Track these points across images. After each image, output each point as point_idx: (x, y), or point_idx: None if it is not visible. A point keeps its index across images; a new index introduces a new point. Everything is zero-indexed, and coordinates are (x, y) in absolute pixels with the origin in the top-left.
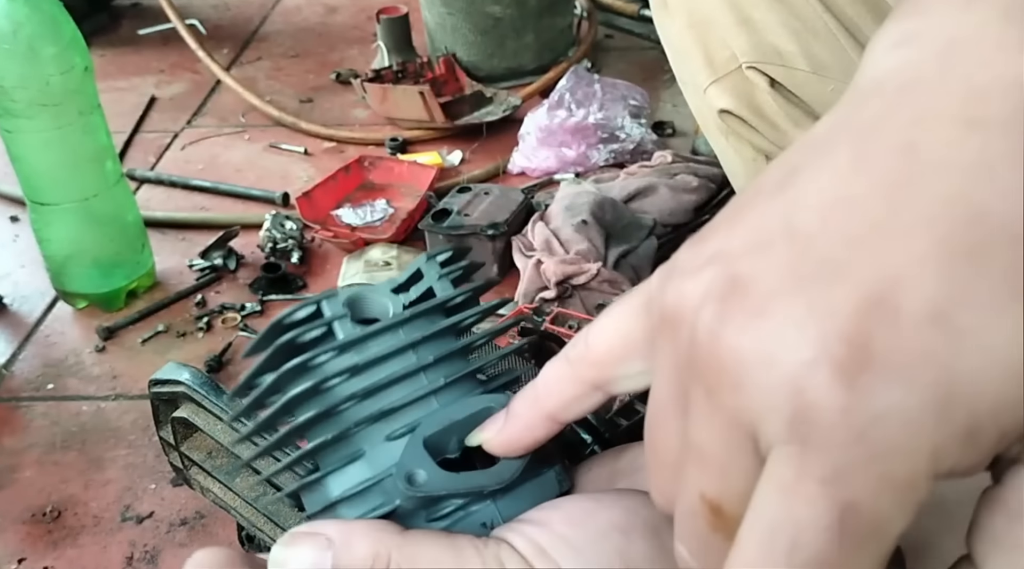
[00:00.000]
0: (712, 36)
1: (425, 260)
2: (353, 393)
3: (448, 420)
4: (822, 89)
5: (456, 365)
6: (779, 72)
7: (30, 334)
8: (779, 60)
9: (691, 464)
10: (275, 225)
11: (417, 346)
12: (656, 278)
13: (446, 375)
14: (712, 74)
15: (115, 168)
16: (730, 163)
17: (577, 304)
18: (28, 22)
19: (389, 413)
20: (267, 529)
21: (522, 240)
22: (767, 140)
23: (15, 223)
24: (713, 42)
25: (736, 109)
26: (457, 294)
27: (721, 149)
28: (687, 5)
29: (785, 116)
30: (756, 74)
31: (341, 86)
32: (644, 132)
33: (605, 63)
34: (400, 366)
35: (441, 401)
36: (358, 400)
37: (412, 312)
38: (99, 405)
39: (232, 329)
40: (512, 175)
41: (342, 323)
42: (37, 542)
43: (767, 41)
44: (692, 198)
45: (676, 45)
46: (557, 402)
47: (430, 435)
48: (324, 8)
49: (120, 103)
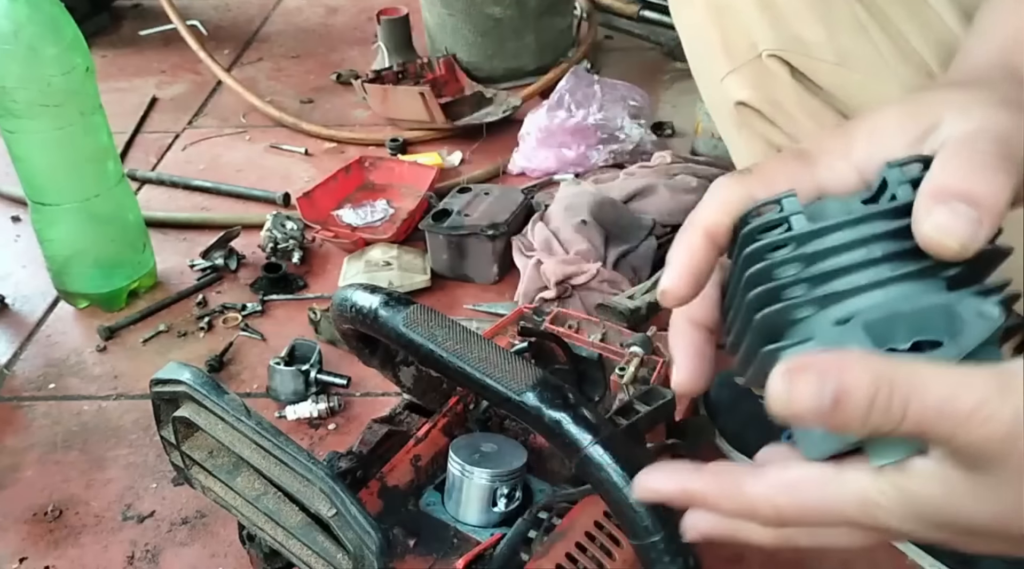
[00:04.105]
0: (732, 23)
1: (888, 167)
2: (804, 277)
3: (894, 309)
4: (846, 81)
5: (909, 264)
6: (801, 61)
7: (32, 334)
8: (802, 49)
9: None
10: (276, 225)
11: (870, 242)
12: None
13: (897, 270)
14: (730, 63)
15: (116, 168)
16: (741, 157)
17: (577, 304)
18: (29, 23)
19: (835, 298)
20: (268, 528)
21: (522, 240)
22: (782, 133)
23: (17, 223)
24: (733, 29)
25: (753, 101)
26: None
27: (732, 141)
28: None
29: (803, 108)
30: (777, 63)
31: (342, 87)
32: (643, 133)
33: (605, 64)
34: (851, 259)
35: (891, 294)
36: (809, 285)
37: (866, 212)
38: (100, 405)
39: (233, 329)
40: (512, 175)
41: (797, 219)
42: (38, 541)
43: (791, 29)
44: (691, 198)
45: (693, 32)
46: None
47: (874, 320)
48: (325, 9)
49: (121, 103)
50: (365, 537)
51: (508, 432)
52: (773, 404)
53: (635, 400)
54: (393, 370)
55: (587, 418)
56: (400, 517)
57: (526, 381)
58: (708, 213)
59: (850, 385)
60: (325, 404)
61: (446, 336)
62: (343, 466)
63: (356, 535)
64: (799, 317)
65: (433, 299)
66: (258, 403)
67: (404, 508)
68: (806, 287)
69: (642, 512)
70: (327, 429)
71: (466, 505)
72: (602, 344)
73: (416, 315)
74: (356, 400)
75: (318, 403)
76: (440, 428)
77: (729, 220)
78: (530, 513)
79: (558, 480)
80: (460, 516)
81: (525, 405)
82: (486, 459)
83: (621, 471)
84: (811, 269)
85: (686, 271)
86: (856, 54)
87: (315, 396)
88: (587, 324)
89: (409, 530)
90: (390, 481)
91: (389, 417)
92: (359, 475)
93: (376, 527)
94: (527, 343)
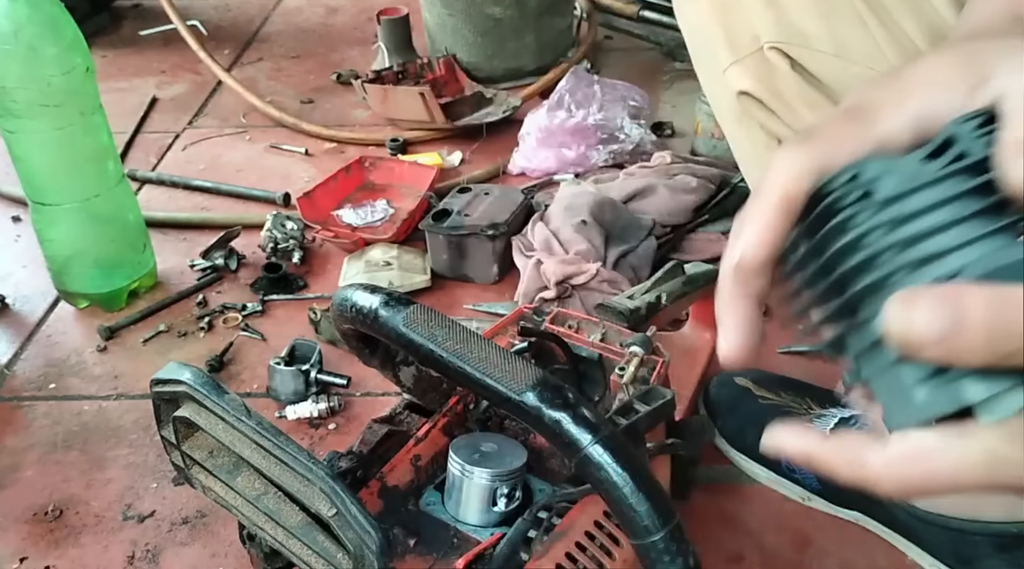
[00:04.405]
0: (736, 16)
1: (954, 124)
2: (894, 242)
3: (994, 264)
4: (843, 73)
5: (996, 220)
6: (801, 53)
7: (32, 334)
8: (802, 41)
9: None
10: (276, 225)
11: (955, 200)
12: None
13: (988, 226)
14: (733, 55)
15: (116, 168)
16: (741, 149)
17: (577, 304)
18: (29, 23)
19: (929, 260)
20: (268, 528)
21: (522, 240)
22: (783, 123)
23: (17, 223)
24: (736, 22)
25: (755, 91)
26: (987, 156)
27: (733, 135)
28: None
29: (804, 99)
30: (777, 55)
31: (342, 87)
32: (643, 133)
33: (605, 64)
34: (938, 219)
35: (986, 248)
36: (899, 249)
37: (944, 170)
38: (100, 404)
39: (233, 329)
40: (512, 175)
41: (879, 183)
42: (39, 541)
43: (792, 21)
44: (691, 198)
45: (696, 25)
46: None
47: (975, 278)
48: (325, 9)
49: (121, 104)
50: (366, 537)
51: (508, 432)
52: (893, 331)
53: (635, 400)
54: (393, 370)
55: (587, 418)
56: (400, 517)
57: (526, 381)
58: (782, 182)
59: (970, 306)
60: (325, 404)
61: (446, 336)
62: (343, 466)
63: (356, 535)
64: (895, 281)
65: (433, 299)
66: (258, 403)
67: (404, 508)
68: (898, 250)
69: (642, 512)
70: (327, 429)
71: (466, 505)
72: (602, 344)
73: (416, 315)
74: (356, 400)
75: (318, 403)
76: (440, 428)
77: (804, 188)
78: (530, 513)
79: (558, 480)
80: (460, 516)
81: (525, 405)
82: (486, 459)
83: (621, 471)
84: (900, 232)
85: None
86: (854, 47)
87: (315, 396)
88: (587, 324)
89: (409, 530)
90: (390, 481)
91: (389, 417)
92: (359, 475)
93: (377, 527)
94: (527, 343)
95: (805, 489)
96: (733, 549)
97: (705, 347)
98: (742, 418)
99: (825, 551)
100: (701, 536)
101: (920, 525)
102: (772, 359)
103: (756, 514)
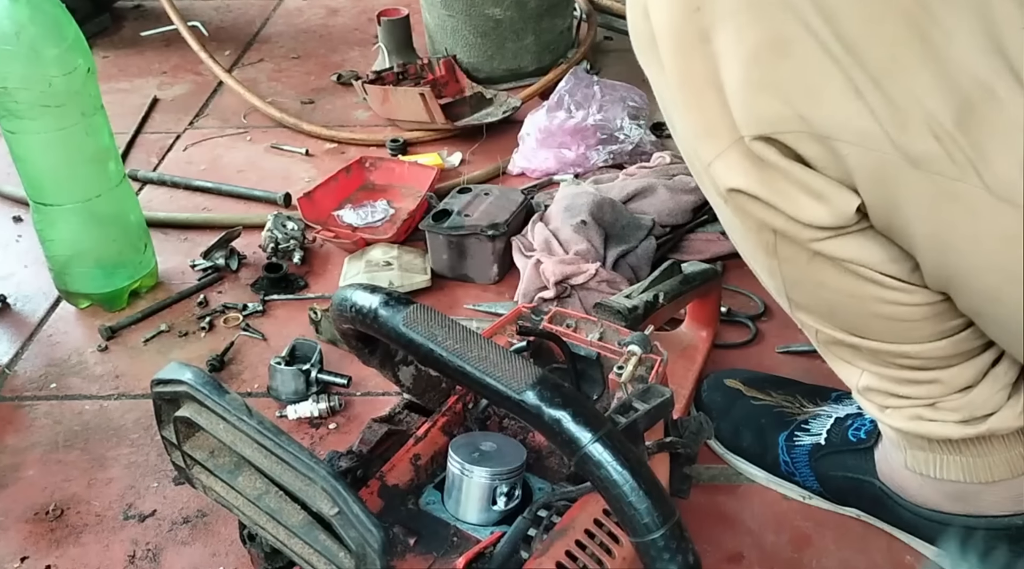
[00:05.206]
0: (707, 103)
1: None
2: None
3: None
4: (839, 153)
5: None
6: (787, 138)
7: (33, 334)
8: (788, 126)
9: None
10: (277, 225)
11: None
12: None
13: None
14: (715, 147)
15: (118, 169)
16: (735, 232)
17: (576, 304)
18: (31, 23)
19: None
20: (270, 527)
21: (522, 240)
22: (784, 216)
23: (18, 223)
24: (710, 110)
25: (748, 187)
26: None
27: (725, 218)
28: (677, 64)
29: (804, 189)
30: (762, 144)
31: (342, 87)
32: (643, 133)
33: (604, 65)
34: None
35: None
36: None
37: None
38: (101, 404)
39: (234, 329)
40: (512, 176)
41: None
42: (40, 540)
43: (767, 104)
44: (691, 198)
45: (671, 107)
46: None
47: None
48: (325, 10)
49: (122, 104)
50: (367, 535)
51: (507, 431)
52: None
53: (633, 398)
54: (393, 370)
55: (587, 416)
56: (400, 516)
57: (526, 380)
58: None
59: None
60: (326, 403)
61: (446, 335)
62: (343, 465)
63: (358, 534)
64: None
65: (433, 299)
66: (259, 403)
67: (404, 507)
68: None
69: (642, 509)
70: (328, 428)
71: (466, 504)
72: (600, 343)
73: (416, 315)
74: (356, 400)
75: (319, 403)
76: (439, 427)
77: None
78: (530, 511)
79: (557, 478)
80: (460, 515)
81: (525, 404)
82: (485, 458)
83: (620, 469)
84: None
85: None
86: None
87: (316, 396)
88: (585, 323)
89: (409, 529)
90: (390, 480)
91: (389, 416)
92: (359, 474)
93: (378, 525)
94: (526, 342)
95: (805, 490)
96: (732, 548)
97: (702, 345)
98: (736, 420)
99: (824, 550)
100: (700, 535)
101: (925, 522)
102: (771, 359)
103: (755, 513)
